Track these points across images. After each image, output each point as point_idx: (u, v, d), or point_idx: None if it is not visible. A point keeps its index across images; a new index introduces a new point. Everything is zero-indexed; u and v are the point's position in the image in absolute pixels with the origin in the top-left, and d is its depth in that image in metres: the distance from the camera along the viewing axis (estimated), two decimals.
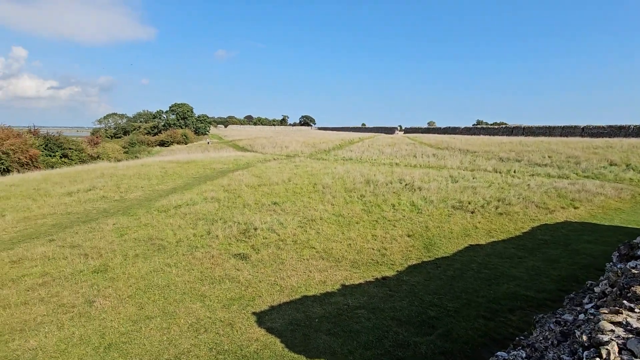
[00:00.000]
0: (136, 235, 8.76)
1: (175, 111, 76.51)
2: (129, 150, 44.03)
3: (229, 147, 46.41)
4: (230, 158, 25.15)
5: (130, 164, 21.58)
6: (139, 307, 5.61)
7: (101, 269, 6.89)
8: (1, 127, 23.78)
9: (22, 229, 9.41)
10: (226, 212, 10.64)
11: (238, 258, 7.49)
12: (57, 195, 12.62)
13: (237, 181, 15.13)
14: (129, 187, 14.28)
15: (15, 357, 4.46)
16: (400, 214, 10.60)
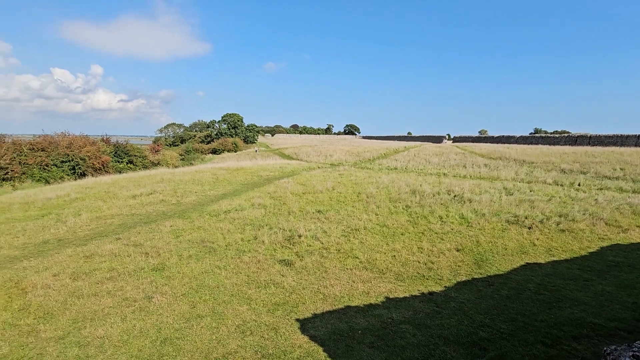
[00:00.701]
0: (190, 237, 9.34)
1: (226, 121, 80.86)
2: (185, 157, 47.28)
3: (276, 155, 47.86)
4: (276, 166, 25.92)
5: (185, 170, 23.14)
6: (191, 306, 5.97)
7: (159, 267, 7.43)
8: (80, 136, 26.99)
9: (94, 227, 10.48)
10: (272, 219, 10.96)
11: (283, 264, 7.67)
12: (124, 198, 13.89)
13: (282, 189, 15.54)
14: (185, 192, 15.29)
15: (87, 343, 4.97)
16: (449, 226, 10.15)
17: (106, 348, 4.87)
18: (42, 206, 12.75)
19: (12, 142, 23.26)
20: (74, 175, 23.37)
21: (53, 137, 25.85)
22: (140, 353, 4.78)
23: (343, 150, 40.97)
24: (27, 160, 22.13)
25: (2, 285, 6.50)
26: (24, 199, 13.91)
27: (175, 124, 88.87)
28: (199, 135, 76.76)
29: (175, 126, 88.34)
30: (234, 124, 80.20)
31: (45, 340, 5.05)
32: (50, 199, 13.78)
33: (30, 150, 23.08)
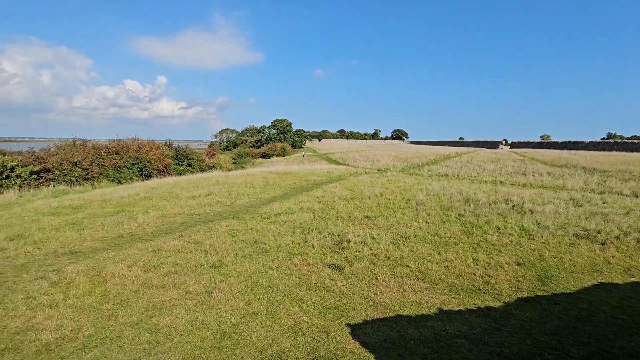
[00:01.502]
0: (244, 237, 9.83)
1: (276, 126, 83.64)
2: (237, 161, 49.73)
3: (323, 159, 48.41)
4: (323, 170, 26.24)
5: (238, 174, 24.35)
6: (247, 303, 6.29)
7: (217, 265, 7.93)
8: (147, 140, 29.75)
9: (160, 224, 11.47)
10: (321, 223, 11.14)
11: (332, 268, 7.77)
12: (184, 198, 15.01)
13: (330, 193, 15.71)
14: (238, 194, 16.11)
15: (157, 330, 5.47)
16: (507, 238, 9.54)
17: (173, 336, 5.32)
18: (116, 204, 14.23)
19: (92, 146, 26.31)
20: (141, 177, 25.77)
21: (125, 141, 28.81)
22: (202, 343, 5.15)
23: (390, 155, 40.30)
24: (103, 162, 24.86)
25: (87, 273, 7.38)
26: (102, 196, 15.62)
27: (228, 130, 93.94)
28: (249, 140, 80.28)
29: (229, 131, 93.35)
30: (283, 129, 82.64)
31: (123, 324, 5.65)
32: (123, 197, 15.31)
33: (107, 153, 25.91)
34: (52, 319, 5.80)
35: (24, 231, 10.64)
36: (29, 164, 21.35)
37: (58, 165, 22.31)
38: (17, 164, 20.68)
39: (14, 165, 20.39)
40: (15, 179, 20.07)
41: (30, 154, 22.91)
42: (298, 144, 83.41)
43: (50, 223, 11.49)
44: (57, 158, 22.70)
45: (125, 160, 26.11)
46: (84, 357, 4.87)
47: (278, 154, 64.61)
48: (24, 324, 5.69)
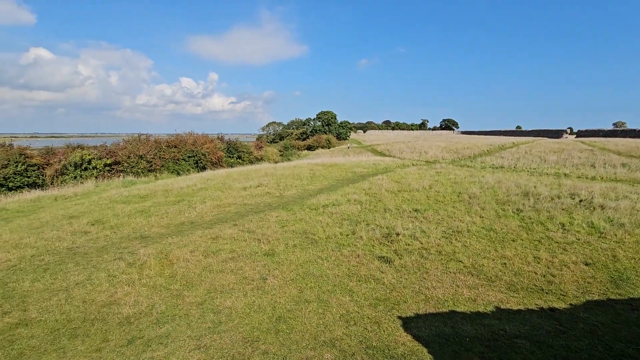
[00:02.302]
0: (294, 228, 10.16)
1: (321, 118, 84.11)
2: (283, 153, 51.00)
3: (368, 151, 47.87)
4: (369, 162, 25.98)
5: (285, 166, 25.00)
6: (299, 291, 6.55)
7: (270, 253, 8.31)
8: (202, 134, 31.63)
9: (216, 213, 12.24)
10: (368, 215, 11.13)
11: (382, 261, 7.77)
12: (236, 189, 15.80)
13: (377, 185, 15.57)
14: (286, 185, 16.58)
15: (219, 311, 5.93)
16: (573, 236, 8.80)
17: (234, 317, 5.73)
18: (177, 194, 15.40)
19: (154, 140, 28.60)
20: (197, 169, 27.54)
21: (182, 135, 30.91)
22: (260, 326, 5.49)
23: (439, 146, 38.68)
24: (164, 155, 26.94)
25: (156, 256, 8.16)
26: (164, 187, 16.99)
27: (275, 123, 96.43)
28: (295, 133, 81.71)
29: (275, 124, 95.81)
30: (328, 121, 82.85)
31: (189, 304, 6.20)
32: (182, 188, 16.52)
33: (167, 147, 28.04)
34: (130, 295, 6.53)
35: (102, 217, 11.98)
36: (103, 157, 23.84)
37: (126, 158, 24.65)
38: (94, 157, 23.20)
39: (91, 159, 22.91)
40: (92, 170, 22.55)
41: (103, 148, 25.57)
42: (343, 136, 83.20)
43: (123, 210, 12.80)
44: (125, 152, 25.08)
45: (183, 153, 28.05)
46: (158, 331, 5.44)
47: (323, 146, 65.04)
48: (108, 298, 6.47)
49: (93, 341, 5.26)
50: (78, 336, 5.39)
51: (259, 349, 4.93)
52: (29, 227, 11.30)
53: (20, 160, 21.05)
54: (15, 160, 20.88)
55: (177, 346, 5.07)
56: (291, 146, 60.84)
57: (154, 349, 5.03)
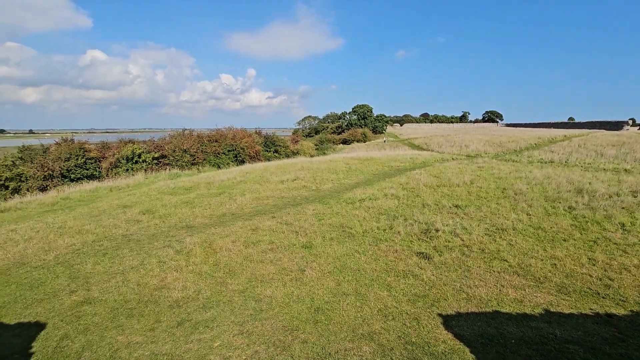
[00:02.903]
0: (330, 221, 10.24)
1: (356, 112, 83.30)
2: (319, 147, 51.27)
3: (405, 145, 46.80)
4: (406, 156, 25.42)
5: (321, 160, 25.14)
6: (337, 283, 6.62)
7: (307, 245, 8.47)
8: (240, 129, 32.64)
9: (255, 206, 12.64)
10: (406, 210, 10.93)
11: (420, 257, 7.63)
12: (274, 183, 16.18)
13: (415, 180, 15.22)
14: (322, 179, 16.70)
15: (260, 299, 6.17)
16: (635, 237, 8.07)
17: (274, 306, 5.94)
18: (218, 186, 16.08)
19: (197, 135, 29.97)
20: (236, 162, 28.52)
21: (222, 130, 32.11)
22: (299, 316, 5.64)
23: (481, 140, 36.87)
24: (206, 149, 28.18)
25: (201, 245, 8.62)
26: (206, 180, 17.80)
27: (310, 117, 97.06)
28: (330, 127, 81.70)
29: (311, 118, 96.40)
30: (364, 115, 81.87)
31: (232, 291, 6.51)
32: (223, 180, 17.21)
33: (208, 141, 29.29)
34: (178, 280, 6.98)
35: (151, 207, 12.83)
36: (151, 151, 25.43)
37: (172, 152, 26.10)
38: (143, 151, 24.82)
39: (141, 152, 24.54)
40: (142, 163, 24.16)
41: (151, 143, 27.26)
42: (379, 130, 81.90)
43: (170, 201, 13.61)
44: (171, 146, 26.56)
45: (223, 147, 29.15)
46: (204, 315, 5.78)
47: (358, 140, 64.47)
48: (159, 282, 6.96)
49: (147, 321, 5.70)
50: (134, 316, 5.87)
51: (299, 337, 5.08)
52: (89, 215, 12.39)
53: (80, 154, 23.05)
54: (76, 154, 22.89)
55: (222, 330, 5.36)
56: (327, 140, 60.95)
57: (201, 331, 5.35)
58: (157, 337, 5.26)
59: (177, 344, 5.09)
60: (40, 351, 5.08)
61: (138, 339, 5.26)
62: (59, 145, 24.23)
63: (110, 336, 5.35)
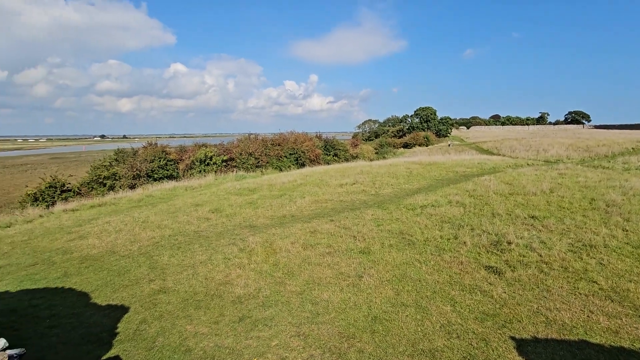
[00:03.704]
0: (389, 227, 9.94)
1: (419, 115, 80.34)
2: (379, 151, 50.46)
3: (471, 149, 43.86)
4: (473, 161, 23.75)
5: (380, 164, 24.67)
6: (396, 293, 6.37)
7: (365, 251, 8.31)
8: (302, 133, 33.65)
9: (314, 208, 12.82)
10: (473, 219, 10.16)
11: (489, 271, 6.99)
12: (333, 186, 16.27)
13: (483, 187, 14.10)
14: (382, 184, 16.34)
15: (316, 302, 6.20)
16: None
17: (330, 311, 5.91)
18: (279, 188, 16.67)
19: (261, 139, 31.57)
20: (297, 165, 29.39)
21: (285, 134, 33.42)
22: (355, 323, 5.53)
23: (563, 143, 32.94)
24: (269, 152, 29.54)
25: (262, 244, 8.98)
26: (269, 182, 18.59)
27: (371, 120, 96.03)
28: (391, 130, 79.91)
29: (371, 122, 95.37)
30: (427, 118, 78.64)
31: (290, 292, 6.64)
32: (284, 183, 17.80)
33: (272, 145, 30.68)
34: (241, 277, 7.34)
35: (219, 206, 13.77)
36: (221, 154, 27.44)
37: (239, 155, 27.86)
38: (214, 154, 26.90)
39: (212, 155, 26.64)
40: (212, 165, 26.19)
41: (221, 147, 29.42)
42: (443, 133, 77.90)
43: (236, 201, 14.47)
44: (238, 149, 28.38)
45: (285, 150, 30.27)
46: (264, 313, 5.98)
47: (421, 144, 62.03)
48: (224, 278, 7.40)
49: (212, 314, 6.08)
50: (201, 308, 6.31)
51: (355, 346, 4.97)
52: (167, 211, 13.72)
53: (162, 157, 25.77)
54: (159, 156, 25.64)
55: (279, 330, 5.48)
56: (387, 144, 59.71)
57: (260, 329, 5.54)
58: (220, 330, 5.58)
59: (238, 338, 5.34)
60: (123, 332, 5.71)
61: (204, 330, 5.63)
62: (145, 148, 27.37)
63: (180, 325, 5.81)
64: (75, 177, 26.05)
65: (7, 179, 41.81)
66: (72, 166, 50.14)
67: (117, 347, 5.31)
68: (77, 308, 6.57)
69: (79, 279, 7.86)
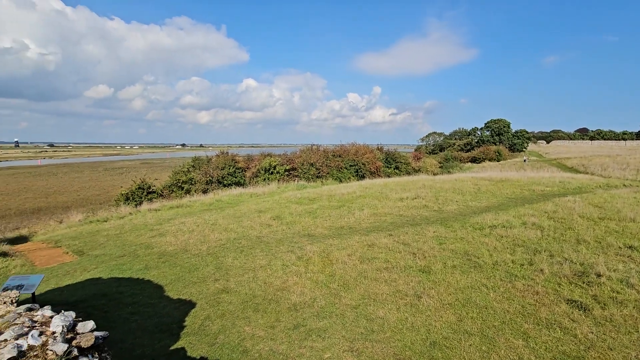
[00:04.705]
0: (453, 247, 9.33)
1: (490, 127, 74.93)
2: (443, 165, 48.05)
3: (552, 166, 39.51)
4: (554, 179, 21.32)
5: (445, 178, 23.42)
6: (458, 319, 5.92)
7: (425, 270, 7.90)
8: (362, 145, 33.55)
9: (372, 221, 12.62)
10: (552, 245, 9.07)
11: (572, 306, 6.13)
12: (393, 200, 15.86)
13: (566, 208, 12.55)
14: (445, 199, 15.48)
15: (371, 319, 6.04)
16: None
17: (385, 329, 5.71)
18: (338, 199, 16.77)
19: (323, 150, 32.24)
20: (356, 177, 29.34)
21: (345, 146, 33.69)
22: (412, 346, 5.26)
23: None
24: (330, 163, 29.99)
25: (319, 254, 9.08)
26: (328, 192, 18.82)
27: (435, 133, 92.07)
28: (457, 143, 75.66)
29: (436, 135, 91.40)
30: (499, 131, 72.94)
31: (345, 305, 6.58)
32: (344, 194, 17.86)
33: (332, 156, 31.12)
34: (297, 285, 7.49)
35: (280, 214, 14.30)
36: (284, 164, 28.65)
37: (300, 165, 28.79)
38: (278, 163, 28.18)
39: (276, 165, 27.93)
40: (276, 174, 27.44)
41: (284, 156, 30.74)
42: (517, 147, 71.44)
43: (296, 210, 14.90)
44: (300, 160, 29.35)
45: (346, 162, 30.45)
46: (318, 323, 6.00)
47: (491, 159, 57.60)
48: (281, 284, 7.62)
49: (269, 318, 6.29)
50: (259, 311, 6.56)
51: None
52: (233, 216, 14.66)
53: (231, 164, 27.77)
54: (229, 164, 27.67)
55: (333, 342, 5.44)
56: (452, 158, 56.56)
57: (314, 339, 5.56)
58: (275, 336, 5.73)
59: (292, 346, 5.42)
60: (190, 325, 6.19)
61: (260, 333, 5.84)
62: (218, 156, 29.75)
63: (240, 325, 6.10)
64: (159, 180, 29.28)
65: (108, 180, 48.63)
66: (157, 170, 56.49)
67: (184, 339, 5.76)
68: (154, 298, 7.30)
69: (156, 272, 8.75)
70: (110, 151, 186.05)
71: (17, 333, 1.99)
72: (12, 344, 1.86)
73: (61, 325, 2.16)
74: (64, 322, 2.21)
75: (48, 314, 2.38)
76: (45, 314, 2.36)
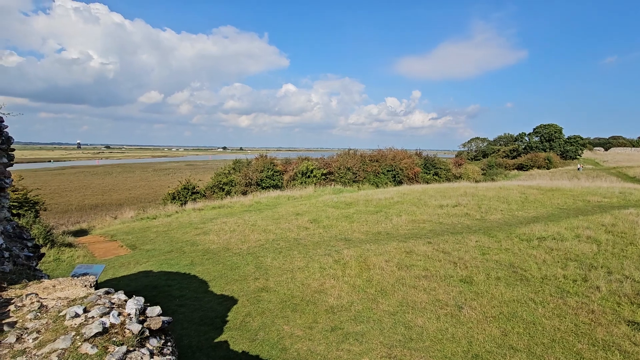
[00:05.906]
0: (497, 257, 8.92)
1: (539, 133, 70.39)
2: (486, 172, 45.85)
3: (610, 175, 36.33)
4: (613, 190, 19.55)
5: (488, 186, 22.34)
6: (503, 333, 5.67)
7: (467, 280, 7.64)
8: (401, 150, 33.03)
9: (410, 228, 12.39)
10: (611, 260, 8.36)
11: (635, 328, 5.63)
12: (432, 206, 15.44)
13: (627, 222, 11.49)
14: (489, 208, 14.80)
15: (410, 327, 5.96)
16: None
17: (424, 339, 5.61)
18: (376, 204, 16.64)
19: (360, 155, 32.16)
20: (394, 182, 28.90)
21: (383, 151, 33.34)
22: (452, 357, 5.12)
23: None
24: (367, 168, 29.85)
25: (356, 258, 9.10)
26: (365, 197, 18.73)
27: (478, 138, 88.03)
28: (502, 150, 71.79)
29: (479, 140, 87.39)
30: (549, 137, 68.26)
31: (382, 311, 6.55)
32: (381, 199, 17.69)
33: (369, 161, 30.93)
34: (334, 288, 7.57)
35: (317, 217, 14.48)
36: (321, 168, 28.97)
37: (337, 170, 28.93)
38: (315, 167, 28.56)
39: (313, 169, 28.32)
40: (313, 178, 27.83)
41: (322, 160, 31.08)
42: (570, 155, 66.35)
43: (333, 214, 15.01)
44: (337, 164, 29.51)
45: (383, 167, 30.13)
46: (355, 327, 6.03)
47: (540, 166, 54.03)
48: (319, 286, 7.74)
49: (307, 319, 6.42)
50: (297, 311, 6.72)
51: None
52: (272, 217, 15.08)
53: (270, 167, 28.57)
54: (268, 167, 28.50)
55: (370, 347, 5.45)
56: (497, 164, 53.79)
57: (351, 343, 5.60)
58: (313, 336, 5.84)
59: (329, 348, 5.50)
60: (232, 320, 6.48)
61: (299, 332, 5.98)
62: (257, 159, 30.76)
63: (279, 324, 6.30)
64: (203, 181, 30.82)
65: (156, 180, 52.02)
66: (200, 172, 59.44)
67: (226, 334, 6.06)
68: (199, 293, 7.73)
69: (201, 268, 9.26)
70: (158, 153, 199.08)
71: (101, 312, 2.29)
72: (98, 320, 2.15)
73: (135, 307, 2.44)
74: (136, 305, 2.49)
75: (123, 297, 2.68)
76: (121, 298, 2.67)
